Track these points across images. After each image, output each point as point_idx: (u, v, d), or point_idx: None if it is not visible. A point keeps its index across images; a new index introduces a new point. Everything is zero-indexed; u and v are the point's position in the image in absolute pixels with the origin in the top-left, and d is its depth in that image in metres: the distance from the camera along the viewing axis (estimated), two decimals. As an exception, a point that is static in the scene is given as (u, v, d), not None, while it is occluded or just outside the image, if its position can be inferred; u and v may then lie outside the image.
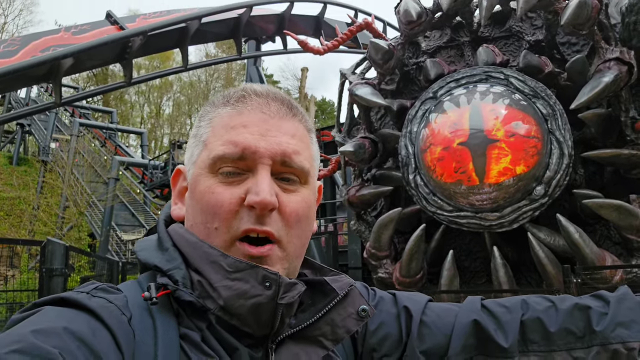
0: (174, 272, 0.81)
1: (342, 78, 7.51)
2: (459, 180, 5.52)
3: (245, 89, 0.90)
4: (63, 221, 23.15)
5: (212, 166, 0.84)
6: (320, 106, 52.66)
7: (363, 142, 6.64)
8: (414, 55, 7.30)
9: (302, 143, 0.89)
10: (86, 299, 0.73)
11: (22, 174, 29.79)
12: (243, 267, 0.78)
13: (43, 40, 8.40)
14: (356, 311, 0.88)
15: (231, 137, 0.84)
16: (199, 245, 0.82)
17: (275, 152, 0.84)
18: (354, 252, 9.67)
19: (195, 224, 0.86)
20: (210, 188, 0.83)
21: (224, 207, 0.81)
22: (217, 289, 0.78)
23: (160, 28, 9.31)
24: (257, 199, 0.80)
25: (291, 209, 0.84)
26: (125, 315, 0.74)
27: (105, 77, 44.26)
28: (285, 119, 0.88)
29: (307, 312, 0.86)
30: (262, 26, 12.25)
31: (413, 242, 5.92)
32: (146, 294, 0.76)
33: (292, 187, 0.86)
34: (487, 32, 6.77)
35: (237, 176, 0.83)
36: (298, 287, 0.81)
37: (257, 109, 0.87)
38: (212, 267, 0.80)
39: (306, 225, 0.89)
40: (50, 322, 0.67)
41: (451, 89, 6.07)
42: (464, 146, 5.52)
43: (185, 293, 0.78)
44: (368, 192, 6.72)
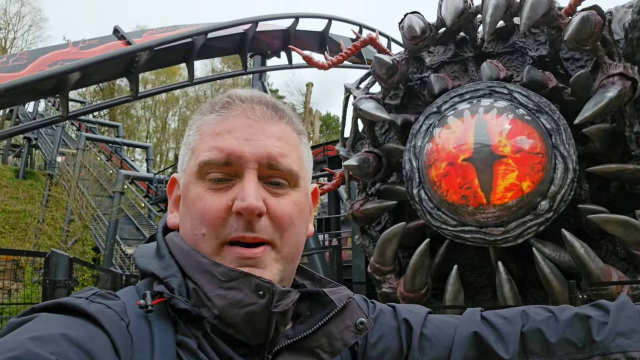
0: (170, 279, 0.81)
1: (347, 93, 7.54)
2: (464, 197, 5.51)
3: (230, 95, 0.91)
4: (68, 235, 23.20)
5: (199, 173, 0.85)
6: (325, 121, 52.89)
7: (367, 156, 6.65)
8: (418, 70, 7.33)
9: (289, 145, 0.89)
10: (85, 304, 0.73)
11: (28, 188, 29.94)
12: (236, 276, 0.78)
13: (51, 54, 8.51)
14: (354, 324, 0.87)
15: (216, 143, 0.85)
16: (191, 254, 0.83)
17: (261, 155, 0.84)
18: (358, 267, 9.63)
19: (186, 230, 0.86)
20: (199, 195, 0.84)
21: (211, 214, 0.82)
22: (211, 298, 0.78)
23: (166, 43, 9.42)
24: (243, 204, 0.80)
25: (282, 212, 0.84)
26: (124, 320, 0.74)
27: (112, 92, 44.66)
28: (271, 122, 0.88)
29: (305, 324, 0.85)
30: (268, 41, 12.37)
31: (417, 257, 5.89)
32: (142, 302, 0.76)
33: (282, 191, 0.86)
34: (490, 47, 6.80)
35: (225, 182, 0.84)
36: (292, 294, 0.81)
37: (241, 114, 0.87)
38: (205, 277, 0.80)
39: (300, 228, 0.88)
40: (47, 328, 0.66)
41: (455, 103, 6.08)
42: (468, 162, 5.52)
43: (180, 301, 0.78)
44: (372, 206, 6.70)
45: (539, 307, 1.03)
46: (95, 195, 25.15)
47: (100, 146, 34.15)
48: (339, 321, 0.86)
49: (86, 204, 23.40)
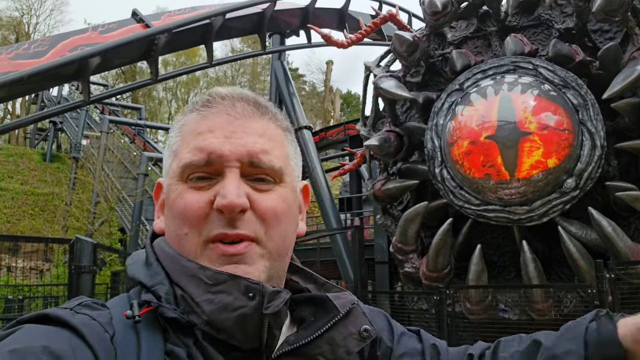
0: (157, 287, 0.79)
1: (367, 71, 7.44)
2: (488, 175, 5.42)
3: (210, 94, 0.89)
4: (95, 216, 23.68)
5: (181, 174, 0.83)
6: (345, 99, 52.50)
7: (388, 135, 6.57)
8: (439, 46, 7.18)
9: (272, 142, 0.86)
10: (69, 316, 0.72)
11: (55, 171, 30.59)
12: (224, 279, 0.76)
13: (71, 40, 8.57)
14: (358, 331, 0.85)
15: (197, 143, 0.83)
16: (177, 259, 0.81)
17: (241, 153, 0.81)
18: (380, 246, 9.59)
19: (169, 232, 0.85)
20: (180, 194, 0.81)
21: (193, 211, 0.80)
22: (200, 303, 0.76)
23: (184, 25, 9.39)
24: (224, 201, 0.77)
25: (266, 206, 0.82)
26: (108, 332, 0.72)
27: (134, 74, 44.99)
28: (252, 118, 0.86)
29: (308, 330, 0.83)
30: (286, 20, 12.22)
31: (440, 237, 5.84)
32: (128, 312, 0.75)
33: (266, 187, 0.83)
34: (515, 21, 6.61)
35: (206, 181, 0.81)
36: (282, 294, 0.78)
37: (222, 112, 0.85)
38: (191, 281, 0.78)
39: (287, 224, 0.86)
40: (30, 340, 0.65)
41: (478, 80, 5.95)
42: (491, 140, 5.41)
43: (168, 310, 0.76)
44: (393, 186, 6.65)
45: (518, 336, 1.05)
46: (120, 177, 25.54)
47: (123, 129, 34.56)
48: (342, 328, 0.84)
49: (111, 186, 23.78)
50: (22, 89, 8.24)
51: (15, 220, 26.14)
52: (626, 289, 5.06)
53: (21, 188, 28.44)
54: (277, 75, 13.65)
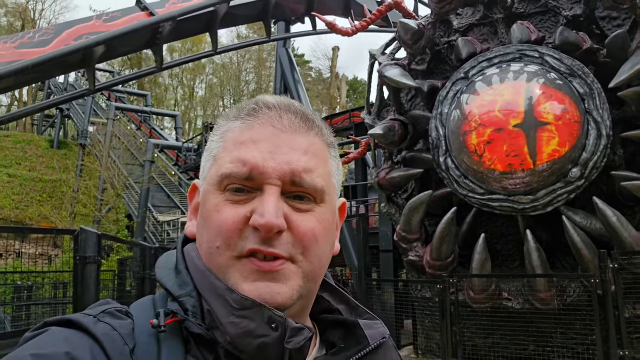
0: (184, 299, 0.79)
1: (372, 59, 7.39)
2: (510, 164, 5.36)
3: (257, 102, 0.86)
4: (102, 203, 23.84)
5: (219, 183, 0.81)
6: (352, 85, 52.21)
7: (393, 124, 6.55)
8: (445, 33, 7.11)
9: (317, 159, 0.83)
10: (91, 324, 0.72)
11: (62, 157, 30.73)
12: (249, 305, 0.75)
13: (76, 28, 8.57)
14: None
15: (240, 154, 0.80)
16: (206, 274, 0.80)
17: (284, 172, 0.79)
18: (384, 234, 9.62)
19: (201, 242, 0.84)
20: (217, 206, 0.80)
21: (227, 225, 0.78)
22: (224, 324, 0.75)
23: (189, 13, 9.36)
24: (262, 221, 0.76)
25: (305, 228, 0.80)
26: (128, 345, 0.73)
27: (139, 60, 44.94)
28: (299, 132, 0.83)
29: (337, 356, 0.83)
30: (291, 7, 12.14)
31: (444, 225, 5.85)
32: (154, 322, 0.75)
33: (306, 206, 0.81)
34: (521, 8, 6.53)
35: (245, 194, 0.80)
36: (305, 332, 0.77)
37: (267, 123, 0.82)
38: (218, 301, 0.77)
39: (324, 246, 0.84)
40: (53, 346, 0.66)
41: (483, 68, 5.90)
42: (519, 128, 5.34)
43: (193, 325, 0.76)
44: (398, 174, 6.65)
45: None
46: (126, 164, 25.65)
47: (129, 115, 34.61)
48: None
49: (118, 173, 23.90)
50: (28, 77, 8.26)
51: (24, 207, 26.37)
52: (630, 278, 5.06)
53: (29, 174, 28.66)
54: (282, 62, 13.60)
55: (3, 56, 7.33)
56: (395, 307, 7.77)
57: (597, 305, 5.11)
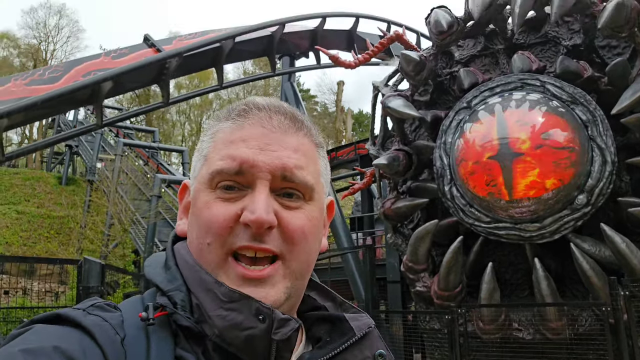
0: (173, 293, 0.79)
1: (375, 91, 7.49)
2: (491, 194, 5.41)
3: (247, 103, 0.88)
4: (109, 238, 23.83)
5: (210, 181, 0.82)
6: (357, 119, 52.69)
7: (397, 154, 6.58)
8: (447, 65, 7.21)
9: (306, 158, 0.85)
10: (81, 316, 0.72)
11: (71, 194, 30.92)
12: (237, 298, 0.76)
13: (85, 65, 8.78)
14: (372, 355, 0.84)
15: (230, 151, 0.82)
16: (195, 269, 0.81)
17: (275, 166, 0.80)
18: (392, 265, 9.53)
19: (192, 239, 0.85)
20: (207, 204, 0.81)
21: (218, 222, 0.79)
22: (212, 317, 0.76)
23: (195, 49, 9.57)
24: (252, 217, 0.77)
25: (294, 225, 0.81)
26: (119, 335, 0.73)
27: (148, 97, 45.67)
28: (288, 133, 0.85)
29: (323, 349, 0.83)
30: (296, 42, 12.38)
31: (451, 255, 5.79)
32: (143, 314, 0.75)
33: (295, 204, 0.83)
34: (522, 38, 6.63)
35: (235, 192, 0.81)
36: (291, 323, 0.78)
37: (257, 123, 0.84)
38: (207, 295, 0.78)
39: (312, 244, 0.85)
40: (41, 340, 0.66)
41: (485, 97, 5.96)
42: (494, 160, 5.43)
43: (182, 317, 0.76)
44: (403, 204, 6.63)
45: None
46: (133, 199, 25.72)
47: (137, 151, 34.94)
48: (357, 351, 0.83)
49: (125, 208, 23.95)
50: (37, 113, 8.42)
51: (32, 244, 26.40)
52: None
53: (37, 211, 28.79)
54: (287, 96, 13.77)
55: (14, 93, 7.50)
56: (404, 339, 7.62)
57: (610, 335, 5.00)
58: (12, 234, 26.61)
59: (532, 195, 5.22)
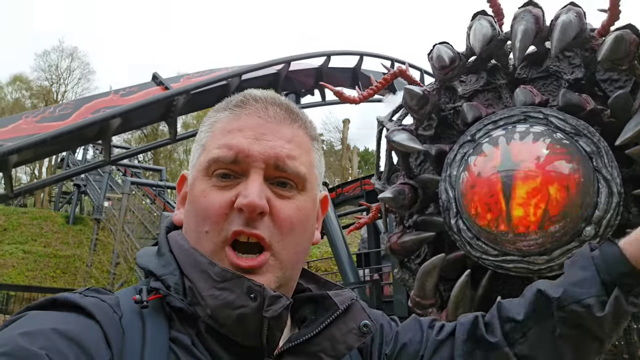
0: (167, 277, 0.81)
1: (379, 126, 7.54)
2: (496, 226, 5.38)
3: (245, 94, 0.92)
4: (114, 277, 23.75)
5: (207, 169, 0.85)
6: (363, 157, 53.03)
7: (402, 188, 6.57)
8: (451, 100, 7.28)
9: (300, 149, 0.89)
10: (78, 298, 0.74)
11: (78, 233, 31.00)
12: (229, 277, 0.78)
13: (94, 102, 8.97)
14: (357, 326, 0.86)
15: (226, 140, 0.85)
16: (190, 252, 0.83)
17: (269, 155, 0.84)
18: (399, 302, 9.41)
19: (189, 228, 0.87)
20: (204, 192, 0.84)
21: (214, 210, 0.82)
22: (205, 297, 0.78)
23: (202, 86, 9.79)
24: (245, 201, 0.80)
25: (285, 214, 0.84)
26: (117, 313, 0.74)
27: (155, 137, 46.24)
28: (283, 123, 0.89)
29: (309, 327, 0.84)
30: (301, 80, 12.62)
31: (458, 289, 5.71)
32: (137, 297, 0.77)
33: (288, 193, 0.86)
34: (524, 73, 6.70)
35: (230, 180, 0.84)
36: (282, 300, 0.80)
37: (254, 114, 0.88)
38: (201, 276, 0.80)
39: (302, 234, 0.87)
40: (39, 323, 0.67)
41: (489, 131, 5.99)
42: (498, 192, 5.42)
43: (175, 299, 0.78)
44: (410, 238, 6.58)
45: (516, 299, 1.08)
46: (140, 237, 25.76)
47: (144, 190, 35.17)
48: (342, 324, 0.85)
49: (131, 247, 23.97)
50: (47, 150, 8.59)
51: (37, 283, 26.31)
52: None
53: (44, 250, 28.83)
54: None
55: (25, 130, 7.66)
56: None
57: (625, 371, 4.87)
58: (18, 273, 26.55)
59: (538, 228, 5.19)
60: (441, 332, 1.05)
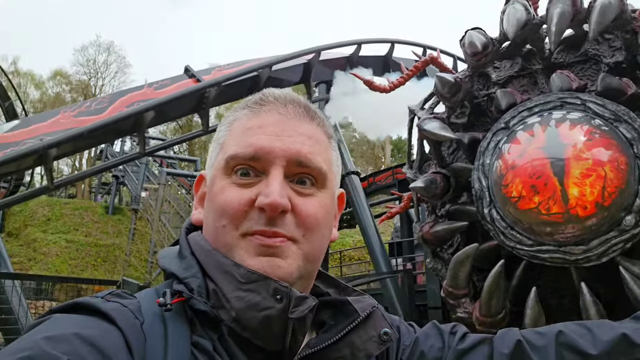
0: (190, 280, 0.81)
1: (411, 114, 7.45)
2: (544, 206, 5.20)
3: (264, 93, 0.91)
4: (152, 266, 24.33)
5: (226, 167, 0.84)
6: (396, 145, 52.56)
7: (434, 177, 6.49)
8: (484, 87, 7.12)
9: (319, 145, 0.87)
10: (100, 303, 0.74)
11: (117, 222, 31.91)
12: (255, 279, 0.77)
13: (129, 96, 9.17)
14: (378, 334, 0.84)
15: (246, 138, 0.84)
16: (212, 253, 0.82)
17: (291, 152, 0.82)
18: (432, 291, 9.33)
19: (208, 224, 0.86)
20: (223, 188, 0.83)
21: (233, 206, 0.81)
22: (230, 299, 0.77)
23: (233, 78, 9.83)
24: (267, 200, 0.79)
25: (308, 212, 0.82)
26: (138, 319, 0.74)
27: (190, 128, 46.95)
28: (303, 121, 0.88)
29: (329, 333, 0.83)
30: (332, 70, 12.54)
31: (492, 280, 5.61)
32: (161, 300, 0.77)
33: (309, 191, 0.84)
34: (560, 57, 6.49)
35: (251, 178, 0.83)
36: (309, 301, 0.79)
37: (273, 111, 0.87)
38: (224, 277, 0.79)
39: (325, 230, 0.86)
40: (61, 328, 0.67)
41: (524, 118, 5.83)
42: (533, 180, 5.26)
43: (199, 302, 0.77)
44: (442, 228, 6.50)
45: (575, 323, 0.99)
46: (176, 227, 26.26)
47: (180, 180, 35.82)
48: (362, 331, 0.84)
49: (168, 236, 24.47)
50: (84, 143, 8.84)
51: (80, 271, 27.25)
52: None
53: (85, 240, 29.80)
54: (325, 123, 13.86)
55: (63, 124, 7.91)
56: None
57: (667, 365, 4.69)
58: (61, 262, 27.56)
59: (576, 215, 5.04)
60: (464, 340, 1.01)
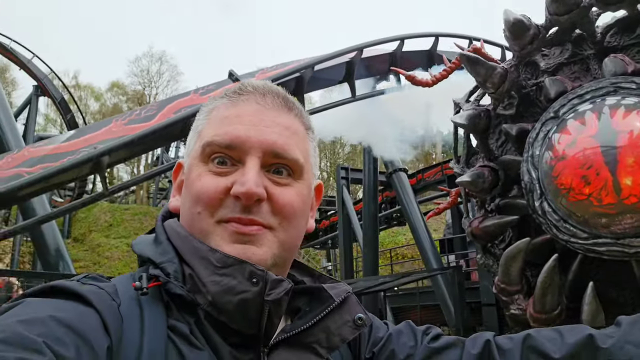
0: (166, 265, 0.81)
1: (456, 107, 7.29)
2: (588, 204, 5.00)
3: (243, 83, 0.92)
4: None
5: (202, 154, 0.85)
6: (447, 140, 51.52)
7: (482, 171, 6.32)
8: (532, 76, 6.87)
9: (297, 136, 0.88)
10: (77, 286, 0.74)
11: (173, 226, 32.96)
12: (231, 263, 0.78)
13: (176, 103, 9.45)
14: (352, 319, 0.84)
15: (223, 126, 0.85)
16: (188, 239, 0.83)
17: (267, 142, 0.83)
18: (486, 288, 9.08)
19: (184, 211, 0.87)
20: (200, 176, 0.84)
21: (208, 193, 0.82)
22: (206, 284, 0.78)
23: (276, 80, 9.91)
24: (242, 189, 0.79)
25: (284, 200, 0.83)
26: (115, 301, 0.75)
27: (240, 132, 47.91)
28: (281, 111, 0.88)
29: (304, 319, 0.83)
30: (375, 67, 12.42)
31: (545, 275, 5.41)
32: (137, 284, 0.77)
33: (285, 181, 0.85)
34: (614, 41, 6.17)
35: (227, 166, 0.83)
36: (284, 284, 0.79)
37: (252, 100, 0.88)
38: (201, 262, 0.79)
39: (301, 219, 0.87)
40: (36, 311, 0.66)
41: (574, 105, 5.59)
42: (587, 170, 5.03)
43: (175, 286, 0.78)
44: (492, 223, 6.32)
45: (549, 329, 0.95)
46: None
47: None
48: (337, 316, 0.84)
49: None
50: (136, 150, 9.20)
51: (141, 274, 28.34)
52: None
53: (145, 244, 30.91)
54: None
55: (115, 133, 8.28)
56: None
57: None
58: (123, 265, 28.78)
59: (631, 205, 4.79)
60: (437, 340, 0.99)
